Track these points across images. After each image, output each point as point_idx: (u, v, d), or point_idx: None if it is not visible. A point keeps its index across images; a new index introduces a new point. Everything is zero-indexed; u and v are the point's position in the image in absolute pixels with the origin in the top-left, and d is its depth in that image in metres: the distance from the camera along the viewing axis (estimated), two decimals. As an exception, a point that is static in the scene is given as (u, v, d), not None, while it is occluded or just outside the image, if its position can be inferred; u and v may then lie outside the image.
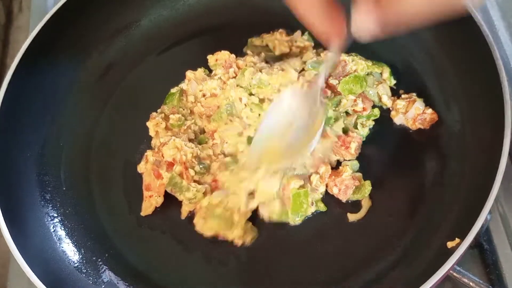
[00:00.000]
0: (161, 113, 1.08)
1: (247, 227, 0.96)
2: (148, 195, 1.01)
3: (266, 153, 0.98)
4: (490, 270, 0.96)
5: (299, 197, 0.95)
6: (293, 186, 0.96)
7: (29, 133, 1.06)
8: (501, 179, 0.82)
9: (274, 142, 0.97)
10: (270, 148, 0.98)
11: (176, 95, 1.09)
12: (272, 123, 0.98)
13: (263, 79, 1.03)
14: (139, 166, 1.05)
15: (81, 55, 1.18)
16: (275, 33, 1.16)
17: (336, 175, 0.98)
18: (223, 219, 0.95)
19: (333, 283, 0.91)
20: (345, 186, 0.97)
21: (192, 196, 0.97)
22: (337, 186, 0.97)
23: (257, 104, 1.04)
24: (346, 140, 1.00)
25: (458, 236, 0.82)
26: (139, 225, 1.01)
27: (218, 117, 1.05)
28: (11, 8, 1.49)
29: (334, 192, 0.98)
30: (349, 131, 1.02)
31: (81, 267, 0.97)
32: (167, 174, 0.99)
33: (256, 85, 1.04)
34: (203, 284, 0.95)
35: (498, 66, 0.91)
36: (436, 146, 1.00)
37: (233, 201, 0.97)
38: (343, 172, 0.98)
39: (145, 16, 1.24)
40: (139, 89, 1.17)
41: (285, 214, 0.96)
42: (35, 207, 1.01)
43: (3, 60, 1.40)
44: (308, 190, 0.96)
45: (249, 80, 1.04)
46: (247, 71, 1.05)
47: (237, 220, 0.96)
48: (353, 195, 0.97)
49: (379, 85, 1.06)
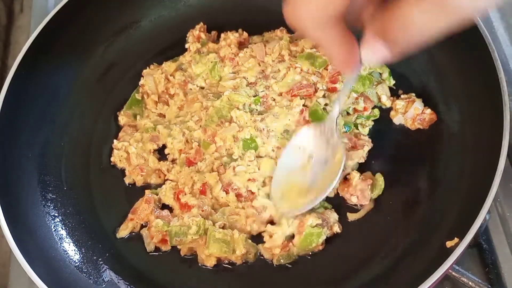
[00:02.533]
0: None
1: (248, 244, 0.94)
2: (130, 218, 1.00)
3: (288, 192, 0.96)
4: (489, 269, 0.96)
5: (311, 236, 0.92)
6: (310, 223, 0.93)
7: (30, 133, 1.07)
8: (500, 179, 0.82)
9: (294, 179, 0.96)
10: (291, 186, 0.96)
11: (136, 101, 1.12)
12: (289, 160, 0.96)
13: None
14: (112, 158, 1.07)
15: (82, 55, 1.18)
16: (276, 30, 1.16)
17: (347, 186, 0.97)
18: (224, 242, 0.93)
19: (333, 283, 0.91)
20: (361, 191, 0.95)
21: (196, 228, 0.94)
22: (354, 195, 0.96)
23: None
24: (358, 144, 1.00)
25: (457, 235, 0.82)
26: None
27: (209, 121, 1.04)
28: (12, 9, 1.49)
29: (354, 201, 0.96)
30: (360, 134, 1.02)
31: (81, 267, 0.97)
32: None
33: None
34: (203, 283, 0.95)
35: (497, 66, 0.91)
36: (435, 146, 1.00)
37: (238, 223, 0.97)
38: (352, 179, 0.96)
39: (145, 17, 1.24)
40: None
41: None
42: (36, 206, 1.01)
43: (4, 60, 1.40)
44: (322, 231, 0.92)
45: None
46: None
47: (237, 237, 0.94)
48: (372, 193, 0.97)
49: (378, 85, 1.06)
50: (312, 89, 1.04)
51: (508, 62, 1.12)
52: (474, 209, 0.82)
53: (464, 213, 0.87)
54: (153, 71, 1.16)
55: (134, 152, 1.06)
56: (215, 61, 1.11)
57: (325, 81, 1.04)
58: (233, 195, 0.98)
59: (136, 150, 1.06)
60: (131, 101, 1.13)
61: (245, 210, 0.97)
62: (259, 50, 1.11)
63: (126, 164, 1.07)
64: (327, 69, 1.05)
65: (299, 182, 0.96)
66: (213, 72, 1.11)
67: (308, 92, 1.03)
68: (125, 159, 1.07)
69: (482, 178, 0.85)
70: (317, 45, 1.06)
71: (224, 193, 0.98)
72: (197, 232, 0.94)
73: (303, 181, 0.95)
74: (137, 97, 1.14)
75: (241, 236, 0.94)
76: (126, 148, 1.06)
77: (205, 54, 1.14)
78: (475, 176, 0.91)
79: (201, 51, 1.16)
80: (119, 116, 1.13)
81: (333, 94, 1.04)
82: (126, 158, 1.06)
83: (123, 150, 1.07)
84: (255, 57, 1.10)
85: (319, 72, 1.06)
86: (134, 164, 1.06)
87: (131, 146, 1.06)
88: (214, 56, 1.12)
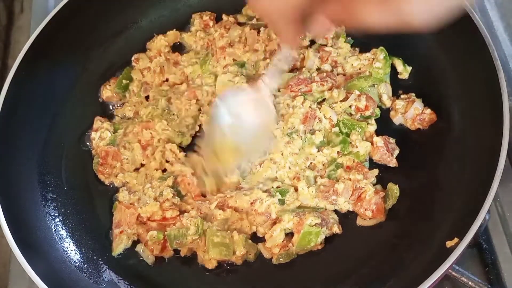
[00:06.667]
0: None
1: (248, 245, 0.94)
2: (118, 232, 0.98)
3: (219, 150, 0.99)
4: (489, 269, 0.96)
5: (309, 235, 0.92)
6: (309, 222, 0.93)
7: (31, 133, 1.07)
8: (499, 179, 0.82)
9: (226, 139, 0.98)
10: (222, 145, 0.99)
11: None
12: (222, 121, 0.98)
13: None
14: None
15: (82, 55, 1.18)
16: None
17: (360, 201, 0.95)
18: (224, 245, 0.93)
19: (333, 283, 0.92)
20: (375, 204, 0.94)
21: (195, 229, 0.94)
22: (368, 209, 0.94)
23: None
24: (390, 148, 1.00)
25: (457, 235, 0.83)
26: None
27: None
28: (12, 9, 1.49)
29: (369, 216, 0.94)
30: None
31: (82, 267, 0.97)
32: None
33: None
34: (203, 284, 0.95)
35: (497, 66, 0.91)
36: (435, 146, 1.00)
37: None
38: (365, 192, 0.95)
39: (145, 17, 1.24)
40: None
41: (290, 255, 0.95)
42: (36, 206, 1.01)
43: (4, 60, 1.40)
44: (320, 231, 0.92)
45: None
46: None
47: (237, 238, 0.94)
48: (387, 204, 0.95)
49: (380, 83, 1.06)
50: (310, 86, 1.04)
51: (508, 62, 1.12)
52: (474, 209, 0.82)
53: (464, 213, 0.87)
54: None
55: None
56: (207, 55, 1.14)
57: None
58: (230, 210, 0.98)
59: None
60: (123, 76, 1.16)
61: (251, 217, 0.97)
62: (251, 38, 1.13)
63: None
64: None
65: (230, 142, 0.98)
66: (204, 67, 1.12)
67: (307, 87, 1.04)
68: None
69: (482, 178, 0.85)
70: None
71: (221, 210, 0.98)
72: (197, 232, 0.94)
73: (234, 142, 0.98)
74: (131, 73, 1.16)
75: (241, 236, 0.94)
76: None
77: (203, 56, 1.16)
78: (475, 176, 0.91)
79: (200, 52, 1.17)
80: (103, 90, 1.15)
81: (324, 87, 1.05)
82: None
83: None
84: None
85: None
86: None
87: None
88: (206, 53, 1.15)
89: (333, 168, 0.98)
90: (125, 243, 0.98)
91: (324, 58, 1.10)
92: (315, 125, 1.01)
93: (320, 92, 1.05)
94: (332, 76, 1.07)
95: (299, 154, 1.00)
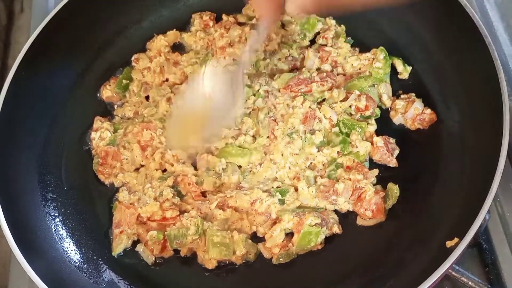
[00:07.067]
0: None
1: (248, 244, 0.95)
2: (118, 232, 0.99)
3: (183, 129, 1.01)
4: (489, 269, 0.96)
5: (309, 235, 0.92)
6: (309, 222, 0.93)
7: (31, 133, 1.07)
8: (499, 179, 0.82)
9: (190, 118, 1.00)
10: (186, 124, 1.01)
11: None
12: (188, 99, 1.01)
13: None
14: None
15: (82, 55, 1.18)
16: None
17: (360, 201, 0.95)
18: (224, 245, 0.93)
19: (333, 283, 0.92)
20: (375, 204, 0.94)
21: (195, 228, 0.94)
22: (368, 209, 0.94)
23: None
24: (390, 148, 1.00)
25: (457, 235, 0.83)
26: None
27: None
28: (12, 9, 1.49)
29: (369, 216, 0.95)
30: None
31: (82, 267, 0.97)
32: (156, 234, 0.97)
33: None
34: (203, 284, 0.95)
35: (497, 66, 0.91)
36: (435, 146, 1.00)
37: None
38: (365, 192, 0.95)
39: (145, 17, 1.24)
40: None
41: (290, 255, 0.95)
42: (36, 206, 1.01)
43: (4, 60, 1.40)
44: (320, 231, 0.92)
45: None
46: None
47: (237, 238, 0.94)
48: (387, 204, 0.95)
49: (380, 83, 1.06)
50: (310, 86, 1.04)
51: (508, 62, 1.12)
52: (474, 209, 0.82)
53: (464, 213, 0.87)
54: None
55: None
56: (207, 55, 1.14)
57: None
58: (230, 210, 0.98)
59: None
60: (123, 76, 1.16)
61: (251, 217, 0.97)
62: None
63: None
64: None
65: (195, 120, 1.00)
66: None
67: (307, 87, 1.04)
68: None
69: (482, 178, 0.85)
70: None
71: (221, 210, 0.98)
72: (197, 232, 0.94)
73: (198, 120, 1.00)
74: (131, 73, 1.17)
75: (241, 236, 0.94)
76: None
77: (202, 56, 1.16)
78: (475, 176, 0.91)
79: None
80: (103, 90, 1.16)
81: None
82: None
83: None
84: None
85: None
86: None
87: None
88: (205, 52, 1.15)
89: (333, 168, 0.98)
90: (125, 243, 0.98)
91: (324, 58, 1.10)
92: (315, 125, 1.01)
93: (320, 92, 1.05)
94: (332, 76, 1.07)
95: (299, 154, 1.00)
